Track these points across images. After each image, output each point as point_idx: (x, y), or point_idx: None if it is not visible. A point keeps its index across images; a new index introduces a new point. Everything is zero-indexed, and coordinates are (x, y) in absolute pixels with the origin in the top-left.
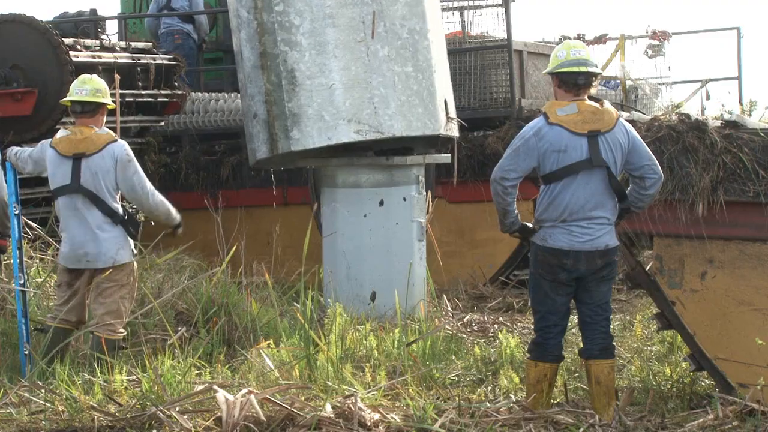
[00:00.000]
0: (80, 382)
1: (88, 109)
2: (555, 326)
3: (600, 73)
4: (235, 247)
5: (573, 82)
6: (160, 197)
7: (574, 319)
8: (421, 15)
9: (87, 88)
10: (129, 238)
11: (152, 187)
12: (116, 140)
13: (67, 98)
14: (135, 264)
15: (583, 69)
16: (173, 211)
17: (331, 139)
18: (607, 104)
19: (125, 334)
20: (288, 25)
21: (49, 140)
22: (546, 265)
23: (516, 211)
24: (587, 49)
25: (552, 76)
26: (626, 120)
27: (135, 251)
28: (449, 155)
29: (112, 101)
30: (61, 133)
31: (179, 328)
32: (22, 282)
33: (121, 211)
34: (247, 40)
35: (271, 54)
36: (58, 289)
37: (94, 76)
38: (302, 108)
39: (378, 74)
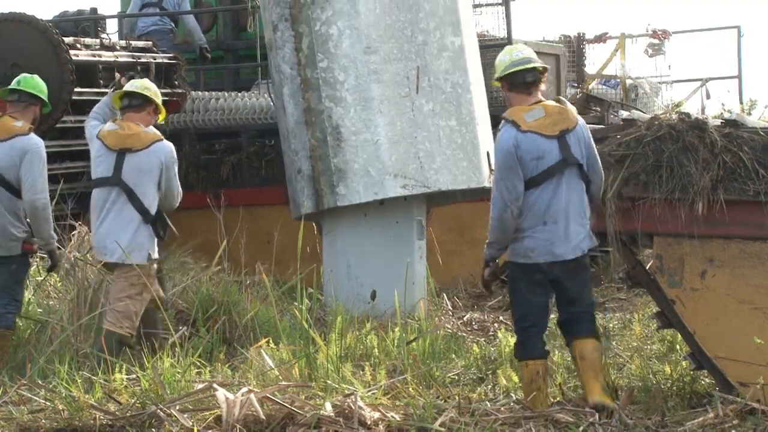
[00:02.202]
0: (80, 380)
1: (136, 104)
2: (533, 326)
3: (546, 68)
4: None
5: (522, 81)
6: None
7: None
8: (464, 68)
9: (137, 83)
10: (153, 241)
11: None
12: (162, 139)
13: (117, 93)
14: (153, 268)
15: (528, 66)
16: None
17: (377, 194)
18: (564, 101)
19: (132, 334)
20: (332, 81)
21: (100, 127)
22: (523, 266)
23: None
24: (529, 48)
25: (501, 82)
26: (626, 119)
27: (155, 256)
28: None
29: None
30: (108, 126)
31: (179, 327)
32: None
33: (153, 210)
34: (290, 95)
35: (315, 110)
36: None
37: (149, 81)
38: (348, 163)
39: (423, 129)
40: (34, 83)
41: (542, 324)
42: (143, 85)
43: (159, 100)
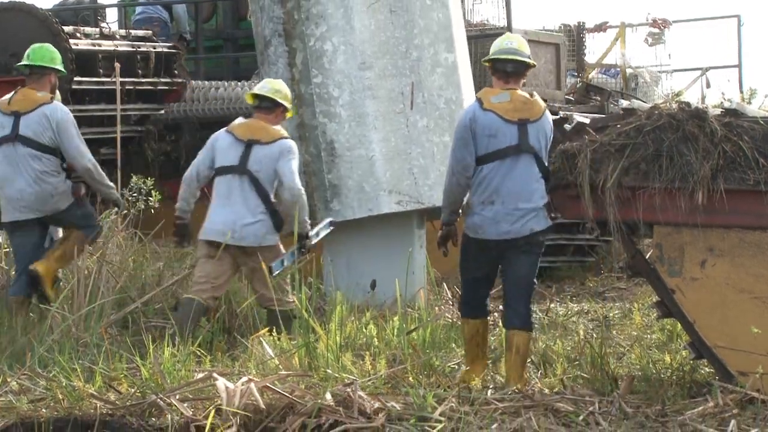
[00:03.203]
0: (80, 370)
1: (265, 106)
2: (478, 291)
3: (532, 65)
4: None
5: (503, 69)
6: (305, 201)
7: (572, 307)
8: (457, 85)
9: (268, 86)
10: (275, 227)
11: (300, 183)
12: (287, 137)
13: (249, 92)
14: (281, 246)
15: (511, 57)
16: (307, 216)
17: (372, 210)
18: (536, 95)
19: (294, 302)
20: (327, 96)
21: (218, 133)
22: (472, 239)
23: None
24: (522, 41)
25: (489, 63)
26: (626, 108)
27: (277, 237)
28: None
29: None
30: (239, 120)
31: None
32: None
33: (273, 200)
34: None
35: (309, 125)
36: (197, 266)
37: (281, 82)
38: (342, 179)
39: (417, 145)
40: (42, 53)
41: (486, 291)
42: (274, 88)
43: (288, 102)
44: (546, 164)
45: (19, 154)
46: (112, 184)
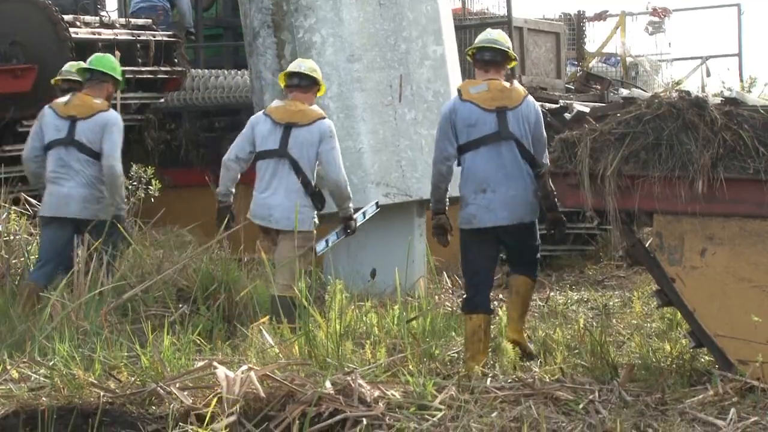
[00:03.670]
0: (80, 358)
1: (304, 84)
2: (480, 284)
3: (512, 56)
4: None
5: (481, 58)
6: (347, 184)
7: (572, 295)
8: (445, 77)
9: (304, 65)
10: (313, 211)
11: (344, 172)
12: (325, 117)
13: (283, 71)
14: (314, 233)
15: (489, 45)
16: (351, 201)
17: (359, 202)
18: (516, 83)
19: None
20: None
21: (257, 116)
22: (469, 231)
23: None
24: (502, 34)
25: (471, 56)
26: (626, 97)
27: (316, 222)
28: None
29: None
30: (275, 103)
31: (180, 306)
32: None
33: (313, 183)
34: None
35: None
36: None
37: (313, 62)
38: None
39: (405, 137)
40: (104, 61)
41: (488, 282)
42: (311, 67)
43: (322, 84)
44: (531, 151)
45: (72, 157)
46: (125, 201)
